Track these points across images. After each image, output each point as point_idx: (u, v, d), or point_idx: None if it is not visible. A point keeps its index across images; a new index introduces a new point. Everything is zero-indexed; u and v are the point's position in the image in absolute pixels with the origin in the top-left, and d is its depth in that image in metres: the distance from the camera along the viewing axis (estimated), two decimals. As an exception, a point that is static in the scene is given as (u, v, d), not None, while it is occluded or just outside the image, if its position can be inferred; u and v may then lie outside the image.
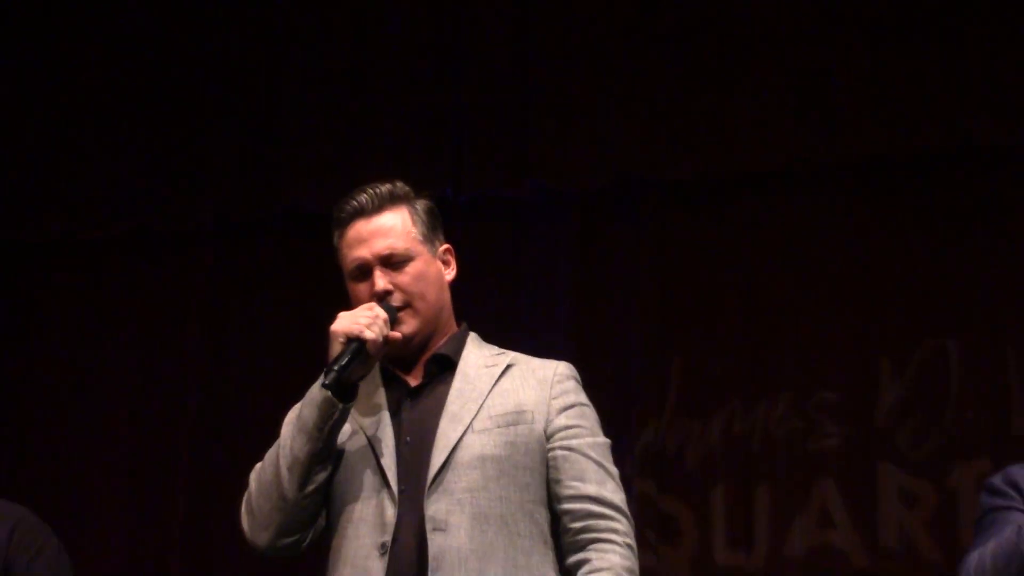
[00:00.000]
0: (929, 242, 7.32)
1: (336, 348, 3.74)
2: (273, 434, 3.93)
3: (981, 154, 7.18)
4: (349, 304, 3.95)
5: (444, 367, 3.97)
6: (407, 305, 3.90)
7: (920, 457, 7.01)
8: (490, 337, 4.09)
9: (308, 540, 3.92)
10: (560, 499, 3.86)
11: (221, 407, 7.51)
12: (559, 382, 3.95)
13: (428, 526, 3.71)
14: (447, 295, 4.07)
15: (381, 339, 3.77)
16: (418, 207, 4.03)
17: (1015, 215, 7.11)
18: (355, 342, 3.73)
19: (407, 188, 4.06)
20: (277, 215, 7.82)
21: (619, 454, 3.84)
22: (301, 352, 6.07)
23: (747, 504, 7.22)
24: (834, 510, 7.04)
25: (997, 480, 4.13)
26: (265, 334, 7.80)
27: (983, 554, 4.00)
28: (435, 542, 3.68)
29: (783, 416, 7.20)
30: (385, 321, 3.79)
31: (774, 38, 7.50)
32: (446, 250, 4.08)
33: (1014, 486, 4.07)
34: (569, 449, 3.88)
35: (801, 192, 7.46)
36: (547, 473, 3.88)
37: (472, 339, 4.09)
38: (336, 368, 3.70)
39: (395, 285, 3.91)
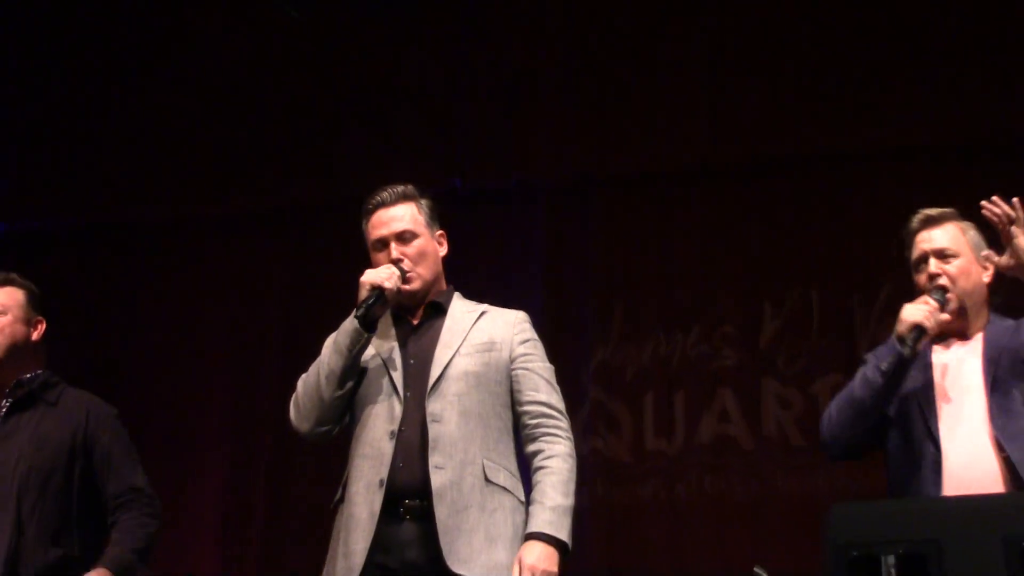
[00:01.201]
0: (797, 225, 7.87)
1: (364, 293, 4.30)
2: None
3: (820, 162, 7.86)
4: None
5: (437, 312, 4.53)
6: (412, 268, 4.44)
7: (791, 372, 7.68)
8: (486, 286, 4.83)
9: (336, 431, 4.46)
10: (520, 404, 4.42)
11: (297, 361, 7.78)
12: (518, 323, 4.56)
13: (429, 418, 4.25)
14: (440, 264, 4.59)
15: (395, 289, 4.32)
16: (422, 203, 4.57)
17: (854, 207, 7.55)
18: (377, 289, 4.28)
19: (415, 189, 4.59)
20: (335, 202, 8.15)
21: (578, 371, 4.72)
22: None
23: (668, 406, 7.91)
24: (730, 410, 7.81)
25: (867, 355, 4.56)
26: (328, 297, 7.44)
27: (829, 409, 4.55)
28: (434, 429, 4.24)
29: (694, 343, 7.94)
30: (398, 277, 4.35)
31: (690, 68, 8.10)
32: (440, 234, 4.61)
33: (867, 359, 4.52)
34: (527, 369, 4.46)
35: (709, 187, 8.13)
36: (511, 385, 4.46)
37: (456, 295, 4.63)
38: (364, 306, 4.28)
39: (404, 255, 4.44)
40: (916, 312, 4.30)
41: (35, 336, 4.98)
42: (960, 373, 4.44)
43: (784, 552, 6.93)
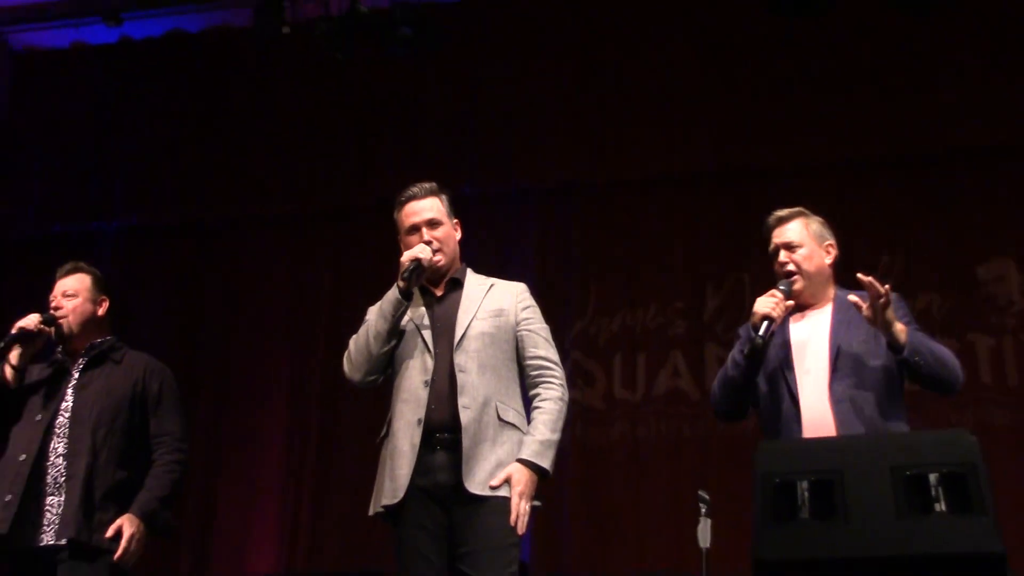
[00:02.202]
0: (734, 224, 7.71)
1: (404, 265, 4.33)
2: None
3: (756, 176, 7.87)
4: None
5: (456, 285, 4.55)
6: (439, 249, 4.46)
7: (728, 339, 6.98)
8: (491, 269, 4.69)
9: (380, 380, 4.49)
10: (524, 358, 4.47)
11: (340, 332, 6.80)
12: (520, 293, 4.56)
13: (456, 369, 4.29)
14: (457, 247, 4.59)
15: (429, 260, 4.37)
16: (443, 197, 4.58)
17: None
18: (416, 262, 4.34)
19: (438, 186, 4.58)
20: (374, 203, 7.68)
21: (561, 338, 4.74)
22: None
23: (632, 365, 7.95)
24: (680, 368, 7.85)
25: (740, 329, 4.57)
26: (365, 281, 7.26)
27: (714, 384, 4.63)
28: (460, 378, 4.28)
29: (652, 316, 7.99)
30: (431, 252, 4.40)
31: (652, 98, 8.10)
32: (456, 223, 4.60)
33: (741, 334, 4.53)
34: (528, 330, 4.49)
35: (666, 195, 8.17)
36: (516, 343, 4.48)
37: (469, 271, 4.63)
38: (407, 273, 4.31)
39: (434, 238, 4.47)
40: (765, 305, 4.34)
41: (100, 312, 5.06)
42: (811, 341, 4.47)
43: (722, 480, 6.90)
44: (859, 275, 4.20)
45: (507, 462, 4.24)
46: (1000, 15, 7.63)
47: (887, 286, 4.19)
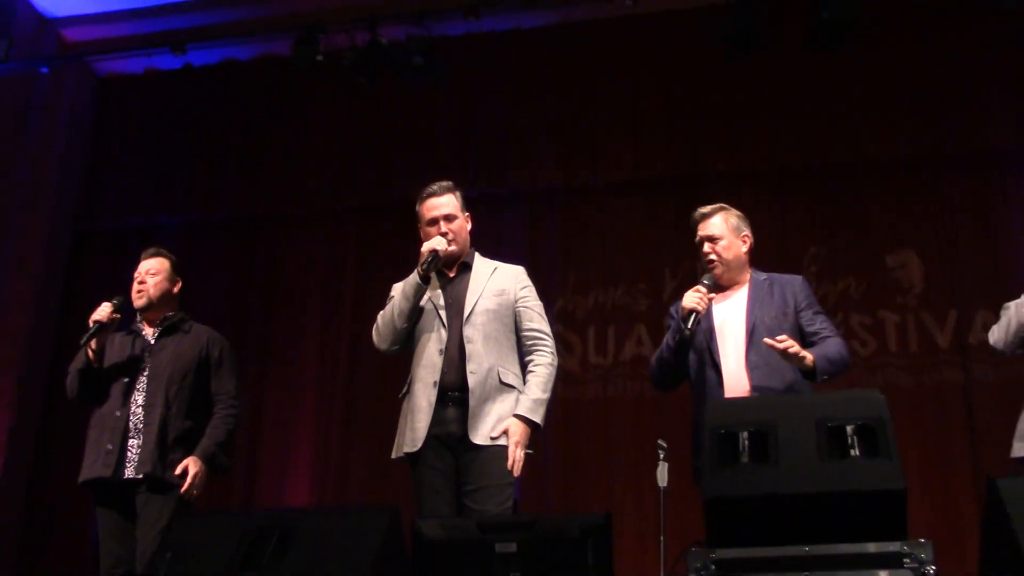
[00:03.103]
0: (688, 220, 7.91)
1: (424, 256, 4.35)
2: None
3: (706, 180, 7.75)
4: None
5: (466, 268, 4.53)
6: (453, 239, 4.46)
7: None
8: (489, 255, 4.65)
9: (402, 348, 4.48)
10: (521, 330, 4.47)
11: (365, 314, 7.18)
12: (519, 275, 4.56)
13: (465, 340, 4.31)
14: (468, 236, 4.57)
15: (446, 251, 4.38)
16: (458, 194, 4.58)
17: None
18: (434, 253, 4.35)
19: (453, 184, 4.59)
20: (393, 202, 8.00)
21: (546, 311, 4.65)
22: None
23: (604, 334, 7.86)
24: (644, 339, 7.74)
25: (672, 309, 4.66)
26: (383, 269, 7.41)
27: (652, 363, 4.75)
28: (468, 348, 4.30)
29: (621, 295, 7.88)
30: (447, 243, 4.41)
31: (618, 118, 8.03)
32: (467, 216, 4.58)
33: (673, 314, 4.61)
34: (525, 307, 4.49)
35: (632, 196, 8.07)
36: (515, 317, 4.47)
37: (477, 255, 4.60)
38: (426, 264, 4.31)
39: (450, 230, 4.47)
40: (691, 300, 4.40)
41: (175, 290, 5.19)
42: (730, 318, 4.50)
43: (679, 432, 6.56)
44: (766, 340, 4.22)
45: (506, 417, 4.26)
46: (894, 51, 7.68)
47: (784, 342, 4.17)
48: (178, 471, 4.77)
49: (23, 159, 8.66)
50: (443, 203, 4.56)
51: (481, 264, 4.61)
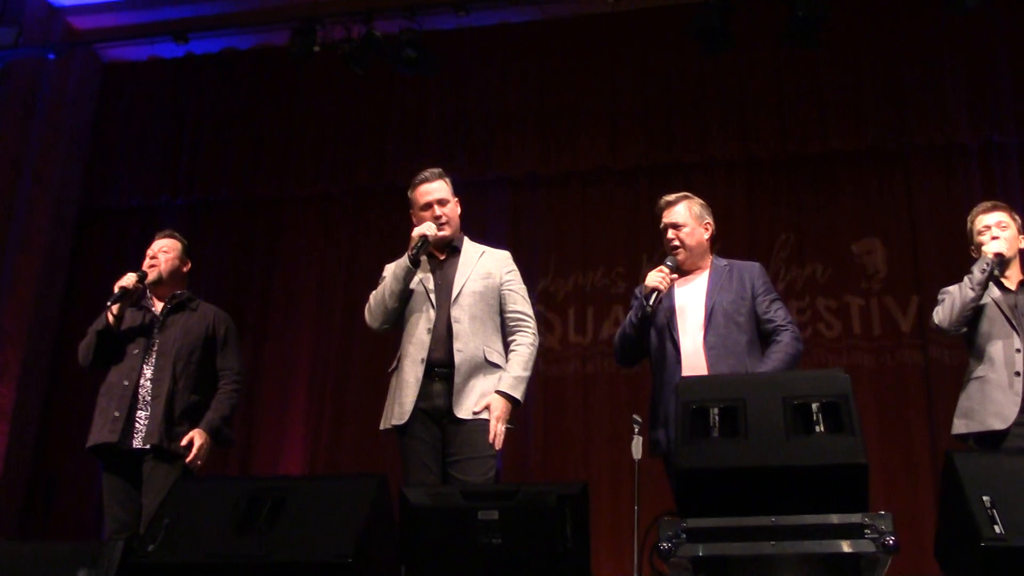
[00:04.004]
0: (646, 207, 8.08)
1: (415, 240, 4.35)
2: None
3: (678, 169, 7.76)
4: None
5: (455, 252, 4.53)
6: (446, 223, 4.47)
7: None
8: (475, 239, 4.64)
9: (392, 326, 4.49)
10: (505, 311, 4.48)
11: (357, 292, 7.04)
12: (505, 260, 4.56)
13: (452, 320, 4.32)
14: (458, 220, 4.57)
15: (435, 235, 4.40)
16: (448, 180, 4.56)
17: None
18: (424, 238, 4.36)
19: (444, 171, 4.58)
20: (384, 186, 8.13)
21: (529, 293, 4.70)
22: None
23: (584, 315, 7.87)
24: (621, 319, 6.66)
25: (636, 290, 4.67)
26: (376, 248, 7.88)
27: (615, 340, 4.74)
28: (455, 327, 4.30)
29: (600, 278, 7.90)
30: (437, 228, 4.42)
31: (596, 112, 8.03)
32: (457, 201, 4.57)
33: (637, 295, 4.63)
34: (510, 290, 4.50)
35: (610, 183, 8.09)
36: (500, 299, 4.48)
37: (466, 239, 4.60)
38: (416, 248, 4.32)
39: (442, 213, 4.47)
40: (653, 279, 4.45)
41: (185, 270, 5.23)
42: (690, 302, 4.52)
43: None
44: None
45: (488, 393, 4.27)
46: (861, 47, 7.71)
47: None
48: (184, 443, 4.79)
49: (31, 142, 8.63)
50: (435, 188, 4.55)
51: (470, 248, 4.60)
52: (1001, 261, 4.52)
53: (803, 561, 2.96)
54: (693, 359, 4.37)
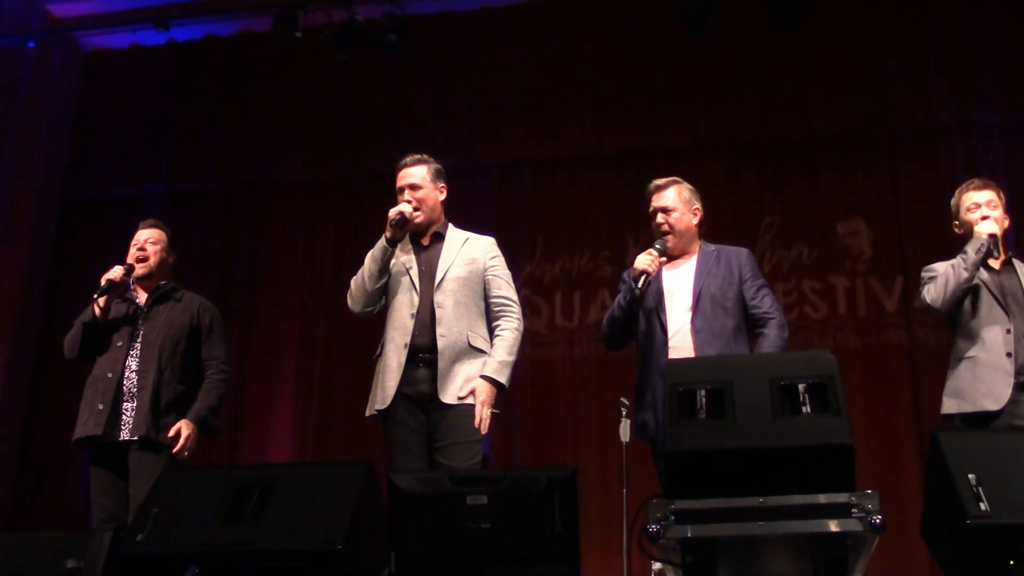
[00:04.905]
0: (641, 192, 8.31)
1: (390, 218, 4.38)
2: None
3: (661, 152, 7.81)
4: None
5: (438, 238, 4.53)
6: (417, 208, 4.48)
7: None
8: (460, 224, 4.66)
9: (375, 310, 4.50)
10: (489, 297, 4.48)
11: (342, 279, 7.54)
12: (490, 246, 4.56)
13: (436, 306, 4.32)
14: (439, 206, 4.57)
15: (409, 215, 4.41)
16: (431, 167, 4.58)
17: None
18: (399, 215, 4.39)
19: (426, 157, 4.61)
20: (369, 173, 8.10)
21: (515, 278, 4.67)
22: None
23: (570, 299, 7.89)
24: (607, 303, 7.37)
25: (624, 274, 4.67)
26: (362, 236, 7.85)
27: (603, 322, 4.73)
28: (439, 312, 4.31)
29: (586, 262, 7.91)
30: (411, 210, 4.44)
31: (580, 98, 8.06)
32: (441, 187, 4.58)
33: (626, 278, 4.61)
34: (494, 275, 4.50)
35: (595, 168, 8.07)
36: (484, 285, 4.48)
37: (450, 226, 4.60)
38: (390, 225, 4.35)
39: (413, 198, 4.49)
40: (643, 262, 4.45)
41: (171, 261, 5.19)
42: (678, 286, 4.53)
43: None
44: None
45: (473, 378, 4.27)
46: (845, 30, 7.74)
47: None
48: (171, 433, 4.76)
49: (12, 131, 8.60)
50: (410, 173, 4.57)
51: (454, 234, 4.60)
52: (995, 242, 4.50)
53: (791, 541, 2.98)
54: (681, 343, 4.37)
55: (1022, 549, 2.77)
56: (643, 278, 4.42)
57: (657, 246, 4.55)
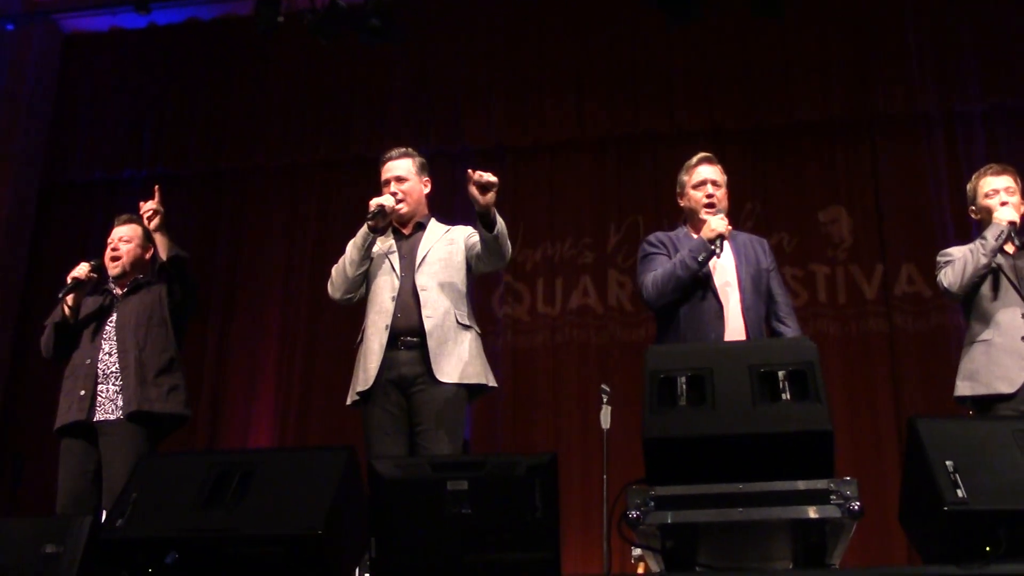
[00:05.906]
0: (633, 176, 7.81)
1: (371, 208, 4.42)
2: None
3: (643, 140, 7.87)
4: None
5: (420, 228, 4.60)
6: (402, 200, 4.54)
7: (626, 267, 7.57)
8: (442, 211, 4.76)
9: (356, 298, 4.54)
10: (469, 249, 4.51)
11: (323, 260, 7.06)
12: (470, 229, 4.54)
13: (418, 288, 4.36)
14: (423, 198, 4.65)
15: (392, 206, 4.45)
16: (415, 159, 4.65)
17: (668, 167, 7.16)
18: (380, 207, 4.42)
19: (411, 150, 4.68)
20: (351, 158, 8.17)
21: None
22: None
23: (552, 286, 7.88)
24: (589, 290, 7.80)
25: (652, 238, 4.61)
26: (344, 220, 7.50)
27: (655, 276, 4.43)
28: (421, 295, 4.35)
29: (568, 248, 7.93)
30: (394, 201, 4.49)
31: (565, 84, 8.06)
32: (426, 180, 4.65)
33: (661, 244, 4.56)
34: (473, 241, 4.49)
35: (578, 154, 8.10)
36: (465, 261, 4.51)
37: (433, 219, 4.65)
38: (371, 217, 4.40)
39: (399, 190, 4.55)
40: (720, 225, 4.40)
41: (147, 256, 5.19)
42: (723, 265, 4.49)
43: (620, 377, 6.92)
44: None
45: (466, 357, 4.31)
46: (826, 18, 7.78)
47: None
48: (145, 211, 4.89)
49: (-9, 115, 8.49)
50: (396, 166, 4.63)
51: (435, 226, 4.66)
52: (1014, 229, 4.53)
53: (770, 527, 2.99)
54: (734, 319, 4.40)
55: (998, 535, 2.79)
56: (720, 240, 4.38)
57: (720, 215, 4.50)
